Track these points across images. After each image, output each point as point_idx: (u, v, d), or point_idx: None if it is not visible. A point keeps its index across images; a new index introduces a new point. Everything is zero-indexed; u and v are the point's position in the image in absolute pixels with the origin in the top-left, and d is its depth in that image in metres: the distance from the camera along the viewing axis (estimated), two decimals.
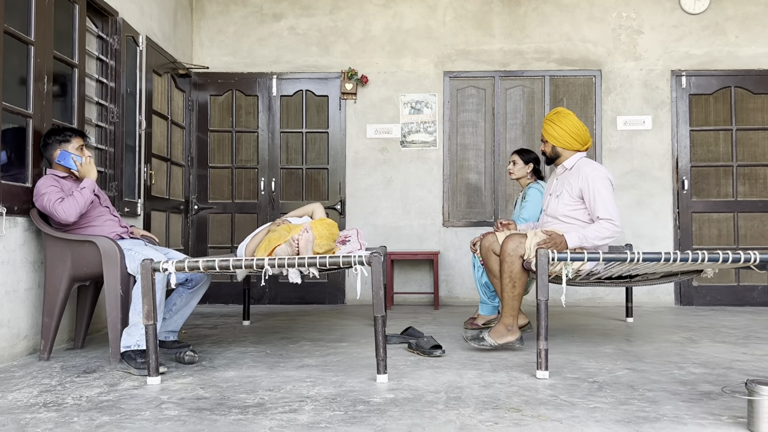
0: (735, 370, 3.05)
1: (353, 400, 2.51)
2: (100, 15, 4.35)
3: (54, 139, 3.40)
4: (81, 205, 3.26)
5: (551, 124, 3.70)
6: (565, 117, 3.69)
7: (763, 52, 5.82)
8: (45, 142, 3.41)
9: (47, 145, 3.40)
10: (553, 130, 3.68)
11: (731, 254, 2.86)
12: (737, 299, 5.73)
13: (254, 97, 5.99)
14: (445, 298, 5.85)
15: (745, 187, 5.81)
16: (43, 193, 3.25)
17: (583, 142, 3.69)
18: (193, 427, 2.17)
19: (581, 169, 3.61)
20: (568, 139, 3.66)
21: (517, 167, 4.49)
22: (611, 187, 3.55)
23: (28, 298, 3.46)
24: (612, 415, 2.30)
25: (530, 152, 4.52)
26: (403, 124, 5.94)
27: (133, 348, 3.06)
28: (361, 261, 2.84)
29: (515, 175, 4.51)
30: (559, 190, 3.68)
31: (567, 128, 3.66)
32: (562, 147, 3.69)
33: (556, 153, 3.73)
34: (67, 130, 3.44)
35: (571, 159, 3.70)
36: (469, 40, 5.96)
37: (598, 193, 3.50)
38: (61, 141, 3.39)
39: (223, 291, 5.87)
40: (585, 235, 3.43)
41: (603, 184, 3.52)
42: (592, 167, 3.60)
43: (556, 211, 3.66)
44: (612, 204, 3.50)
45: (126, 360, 3.07)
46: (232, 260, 2.84)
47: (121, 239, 3.44)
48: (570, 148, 3.69)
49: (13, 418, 2.29)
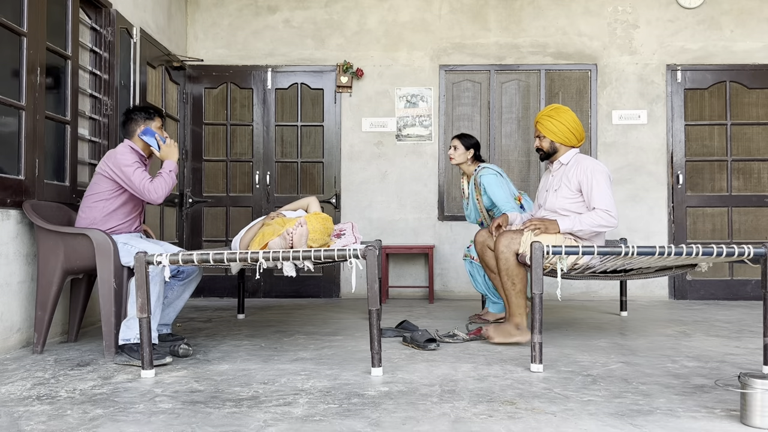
0: (728, 364, 3.06)
1: (348, 393, 2.51)
2: (94, 6, 4.32)
3: (140, 114, 3.46)
4: (170, 187, 3.34)
5: (550, 120, 3.69)
6: (564, 112, 3.70)
7: (758, 46, 5.83)
8: (129, 117, 3.47)
9: (131, 120, 3.45)
10: (553, 125, 3.67)
11: (725, 248, 2.87)
12: (731, 293, 5.75)
13: (249, 90, 5.96)
14: (440, 292, 5.86)
15: (739, 181, 5.83)
16: (128, 165, 3.27)
17: (580, 138, 3.70)
18: (187, 420, 2.17)
19: (580, 163, 3.61)
20: (568, 135, 3.67)
21: (458, 152, 4.41)
22: (610, 181, 3.56)
23: (21, 291, 3.44)
24: (606, 408, 2.31)
25: (471, 137, 4.46)
26: (399, 117, 5.93)
27: (133, 341, 3.06)
28: (356, 254, 2.83)
29: (456, 160, 4.42)
30: (557, 185, 3.68)
31: (567, 123, 3.66)
32: (561, 142, 3.69)
33: (554, 148, 3.72)
34: (150, 108, 3.52)
35: (567, 154, 3.71)
36: (464, 34, 5.94)
37: (597, 183, 3.51)
38: (146, 118, 3.45)
39: (218, 284, 5.86)
40: (579, 219, 3.44)
41: (602, 176, 3.53)
42: (591, 161, 3.61)
43: (554, 204, 3.65)
44: (609, 196, 3.50)
45: (127, 352, 3.06)
46: (226, 253, 2.84)
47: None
48: (568, 143, 3.69)
49: (6, 411, 2.28)
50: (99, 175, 3.37)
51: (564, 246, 2.95)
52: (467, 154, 4.41)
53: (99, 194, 3.35)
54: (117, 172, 3.30)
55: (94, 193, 3.36)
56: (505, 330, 3.49)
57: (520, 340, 3.45)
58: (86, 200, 3.39)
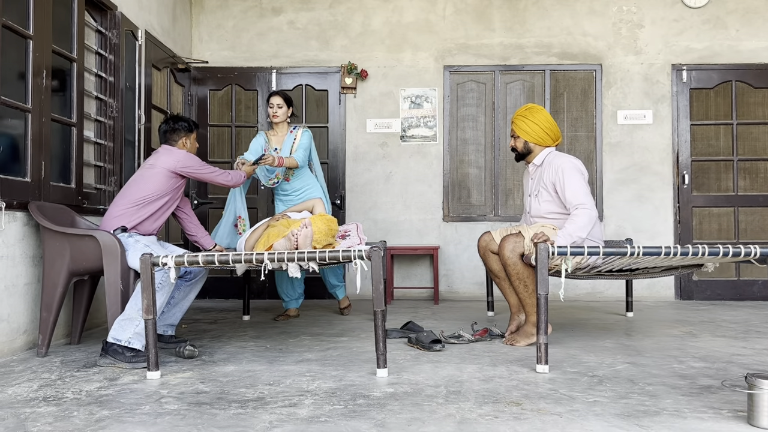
0: (735, 364, 3.05)
1: (353, 394, 2.51)
2: (99, 9, 4.34)
3: (182, 125, 3.64)
4: (242, 178, 3.91)
5: (524, 120, 3.69)
6: (538, 112, 3.70)
7: (764, 46, 5.81)
8: (172, 126, 3.62)
9: (174, 130, 3.62)
10: (526, 125, 3.67)
11: (731, 248, 2.85)
12: (737, 293, 5.72)
13: (254, 91, 5.97)
14: (445, 293, 5.85)
15: (745, 181, 5.80)
16: (199, 163, 3.59)
17: (555, 137, 3.70)
18: (193, 421, 2.17)
19: (552, 163, 3.62)
20: (541, 134, 3.67)
21: (282, 110, 4.55)
22: (580, 175, 3.54)
23: (28, 293, 3.45)
24: (612, 408, 2.30)
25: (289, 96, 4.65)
26: (403, 118, 5.93)
27: (123, 344, 3.02)
28: (360, 255, 2.83)
29: (280, 118, 4.57)
30: (536, 189, 3.69)
31: (540, 123, 3.66)
32: (534, 142, 3.69)
33: (527, 149, 3.72)
34: (192, 121, 3.73)
35: (541, 155, 3.71)
36: (469, 34, 5.94)
37: (567, 180, 3.50)
38: (188, 130, 3.66)
39: (223, 286, 5.87)
40: (569, 233, 3.39)
41: (571, 172, 3.52)
42: (561, 158, 3.61)
43: (539, 210, 3.66)
44: (582, 189, 3.48)
45: (111, 354, 3.01)
46: (231, 255, 2.84)
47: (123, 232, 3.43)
48: (542, 143, 3.69)
49: (13, 413, 2.29)
50: (155, 173, 3.46)
51: (569, 246, 2.95)
52: (288, 112, 4.62)
53: (150, 195, 3.45)
54: (190, 167, 3.52)
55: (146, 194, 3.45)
56: (527, 332, 3.54)
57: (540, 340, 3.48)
58: (128, 199, 3.45)
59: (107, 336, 3.09)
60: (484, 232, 3.85)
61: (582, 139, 5.87)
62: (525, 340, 3.52)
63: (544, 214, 3.64)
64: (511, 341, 3.55)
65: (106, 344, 3.06)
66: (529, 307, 3.50)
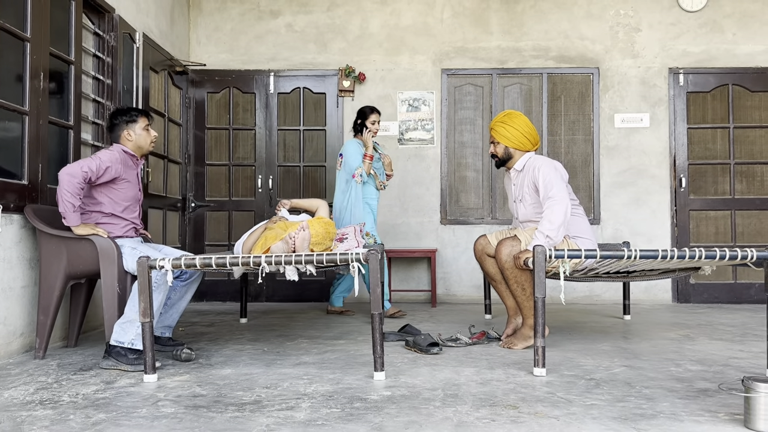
0: (732, 367, 3.05)
1: (350, 397, 2.51)
2: (97, 12, 4.34)
3: (121, 119, 3.45)
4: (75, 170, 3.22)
5: (503, 126, 3.70)
6: (517, 117, 3.72)
7: (760, 49, 5.82)
8: (112, 122, 3.47)
9: (115, 126, 3.45)
10: (506, 131, 3.68)
11: (728, 251, 2.86)
12: (734, 297, 5.73)
13: (251, 94, 5.97)
14: (442, 296, 5.85)
15: (742, 184, 5.82)
16: (89, 159, 3.27)
17: (534, 142, 3.72)
18: (190, 425, 2.17)
19: (533, 165, 3.64)
20: (521, 139, 3.68)
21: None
22: (555, 170, 3.54)
23: (25, 296, 3.45)
24: (609, 412, 2.30)
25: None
26: (401, 121, 5.93)
27: (126, 346, 3.03)
28: (358, 258, 2.83)
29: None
30: (520, 194, 3.72)
31: (520, 128, 3.67)
32: (515, 147, 3.70)
33: (508, 154, 3.73)
34: (132, 110, 3.50)
35: (522, 160, 3.72)
36: (466, 38, 5.95)
37: (541, 177, 3.52)
38: (128, 121, 3.45)
39: (220, 289, 5.87)
40: (542, 231, 3.37)
41: (546, 169, 3.53)
42: (540, 160, 3.63)
43: (527, 214, 3.69)
44: (555, 185, 3.47)
45: (114, 356, 3.03)
46: (228, 257, 2.84)
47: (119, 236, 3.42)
48: (522, 148, 3.70)
49: (9, 416, 2.28)
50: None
51: (567, 250, 2.95)
52: None
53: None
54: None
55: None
56: (524, 335, 3.54)
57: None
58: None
59: (108, 339, 3.10)
60: (481, 236, 3.86)
61: (579, 143, 5.88)
62: (522, 343, 3.52)
63: (532, 217, 3.66)
64: (509, 344, 3.55)
65: (108, 347, 3.07)
66: (526, 310, 3.51)
